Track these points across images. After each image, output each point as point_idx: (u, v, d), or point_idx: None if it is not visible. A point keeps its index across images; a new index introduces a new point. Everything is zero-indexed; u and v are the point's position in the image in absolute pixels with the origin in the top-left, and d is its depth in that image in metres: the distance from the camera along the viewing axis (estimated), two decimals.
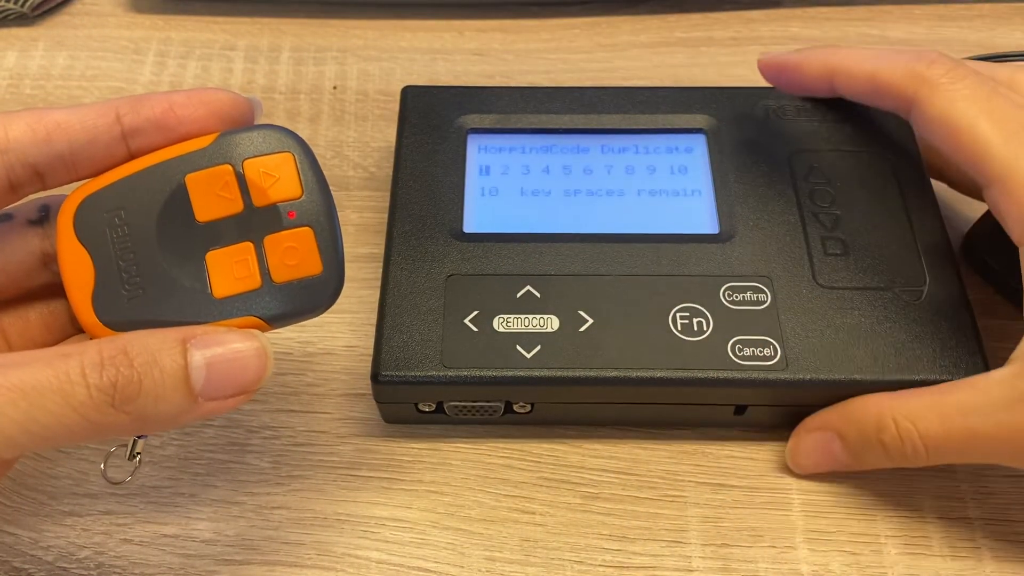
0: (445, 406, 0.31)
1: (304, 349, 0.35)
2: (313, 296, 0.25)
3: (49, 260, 0.27)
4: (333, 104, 0.44)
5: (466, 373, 0.30)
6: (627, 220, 0.34)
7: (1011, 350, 0.27)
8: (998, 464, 0.28)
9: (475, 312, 0.31)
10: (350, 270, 0.33)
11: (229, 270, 0.25)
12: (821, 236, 0.33)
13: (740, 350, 0.30)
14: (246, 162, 0.25)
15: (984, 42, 0.46)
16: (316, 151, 0.41)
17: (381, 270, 0.32)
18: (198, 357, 0.23)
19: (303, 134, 0.42)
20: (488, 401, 0.31)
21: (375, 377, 0.30)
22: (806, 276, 0.32)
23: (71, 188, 0.26)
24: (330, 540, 0.31)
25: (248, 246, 0.25)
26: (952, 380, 0.29)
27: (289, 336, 0.35)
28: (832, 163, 0.35)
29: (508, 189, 0.35)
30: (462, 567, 0.30)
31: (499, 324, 0.31)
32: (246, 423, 0.33)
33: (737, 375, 0.30)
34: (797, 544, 0.30)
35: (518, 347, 0.30)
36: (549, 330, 0.31)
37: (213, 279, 0.25)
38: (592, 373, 0.30)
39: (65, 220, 0.25)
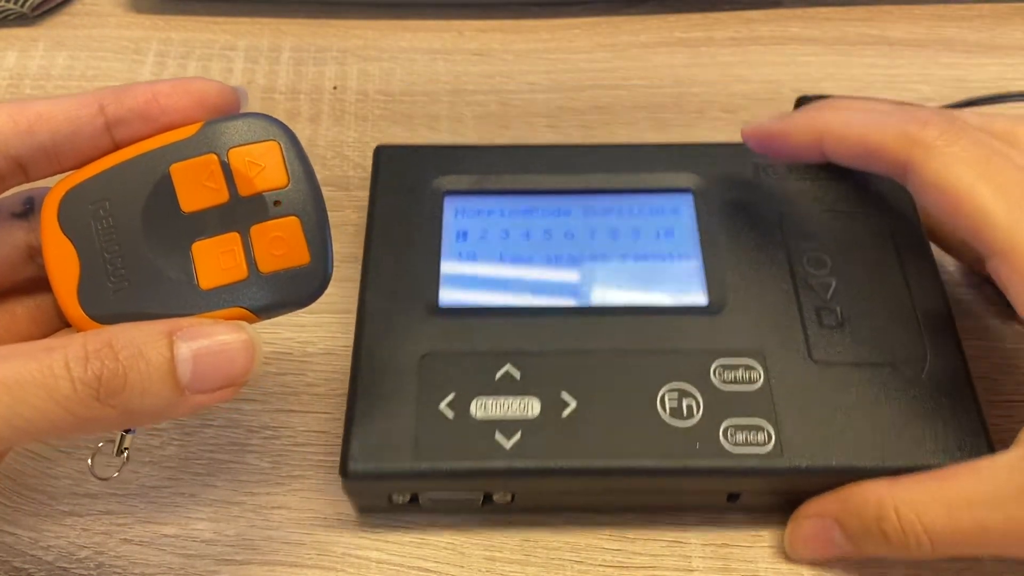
0: (420, 498, 0.30)
1: (304, 349, 0.35)
2: (301, 286, 0.25)
3: (35, 253, 0.27)
4: (333, 104, 0.44)
5: (442, 465, 0.28)
6: (612, 290, 0.32)
7: None
8: (1009, 558, 0.26)
9: (451, 395, 0.29)
10: (351, 270, 0.33)
11: (215, 261, 0.24)
12: (816, 306, 0.31)
13: (732, 435, 0.28)
14: (231, 151, 0.24)
15: (984, 42, 0.46)
16: (316, 151, 0.42)
17: (352, 349, 0.31)
18: (184, 349, 0.22)
19: (303, 134, 0.42)
20: (466, 493, 0.29)
21: (344, 472, 0.28)
22: (800, 351, 0.30)
23: (55, 180, 0.25)
24: (330, 540, 0.31)
25: (234, 236, 0.24)
26: (956, 464, 0.27)
27: (289, 336, 0.35)
28: (826, 225, 0.33)
29: (486, 256, 0.33)
30: (462, 567, 0.30)
31: (477, 409, 0.29)
32: (246, 423, 0.33)
33: (730, 464, 0.28)
34: None
35: (497, 435, 0.28)
36: (530, 415, 0.29)
37: (199, 270, 0.24)
38: (576, 464, 0.28)
39: (49, 212, 0.25)
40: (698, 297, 0.32)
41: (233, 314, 0.24)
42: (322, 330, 0.35)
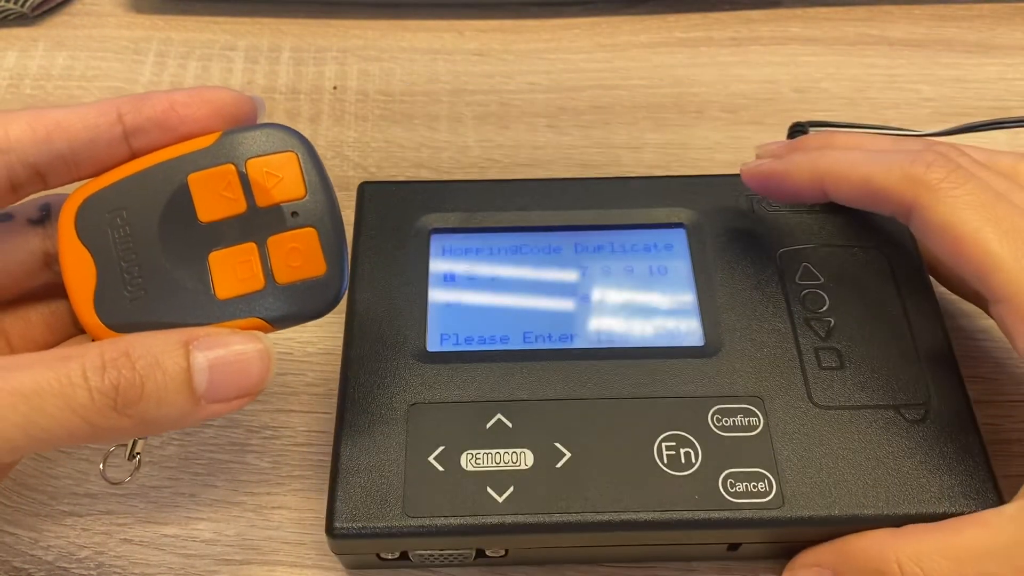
0: (410, 554, 0.29)
1: (304, 349, 0.35)
2: (317, 297, 0.25)
3: (51, 260, 0.27)
4: (333, 104, 0.44)
5: (431, 522, 0.27)
6: (604, 333, 0.31)
7: None
8: None
9: (441, 448, 0.28)
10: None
11: (232, 271, 0.25)
12: (815, 347, 0.30)
13: (732, 486, 0.28)
14: (249, 162, 0.25)
15: (984, 42, 0.46)
16: (316, 151, 0.41)
17: (337, 398, 0.30)
18: (201, 359, 0.22)
19: (303, 134, 0.42)
20: (457, 550, 0.28)
21: (330, 531, 0.27)
22: (800, 394, 0.29)
23: (72, 188, 0.26)
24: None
25: (251, 247, 0.25)
26: (962, 512, 0.27)
27: (289, 336, 0.35)
28: (824, 261, 0.32)
29: (475, 298, 0.32)
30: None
31: (467, 462, 0.28)
32: (246, 423, 0.33)
33: (730, 515, 0.27)
34: None
35: (489, 489, 0.27)
36: (523, 467, 0.28)
37: (216, 280, 0.25)
38: (571, 518, 0.27)
39: (67, 220, 0.25)
40: (694, 338, 0.31)
41: (249, 324, 0.24)
42: (322, 330, 0.35)
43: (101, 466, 0.28)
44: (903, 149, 0.29)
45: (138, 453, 0.26)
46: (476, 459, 0.28)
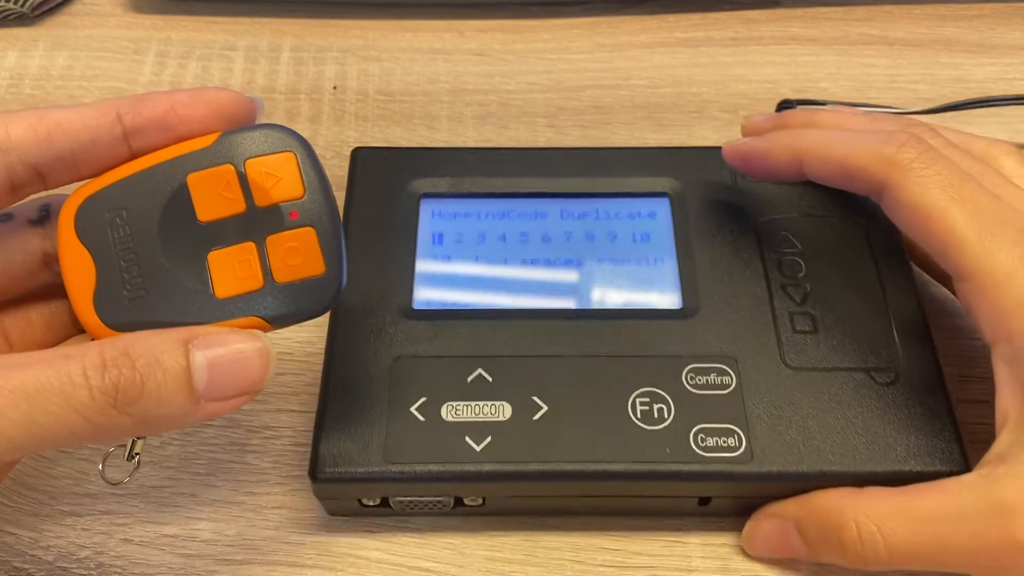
0: (391, 501, 0.29)
1: (304, 349, 0.35)
2: (315, 296, 0.25)
3: (50, 260, 0.27)
4: (333, 104, 0.44)
5: (411, 468, 0.28)
6: (586, 294, 0.32)
7: None
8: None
9: (422, 399, 0.29)
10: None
11: (231, 270, 0.25)
12: (789, 311, 0.31)
13: (703, 440, 0.28)
14: (248, 162, 0.25)
15: (984, 42, 0.46)
16: (316, 151, 0.41)
17: (325, 350, 0.31)
18: (200, 358, 0.22)
19: (303, 134, 0.42)
20: (436, 496, 0.29)
21: (313, 475, 0.28)
22: (773, 356, 0.30)
23: (72, 188, 0.26)
24: (330, 540, 0.31)
25: (250, 246, 0.25)
26: (927, 470, 0.28)
27: (289, 336, 0.35)
28: (802, 230, 0.33)
29: (462, 259, 0.33)
30: (462, 567, 0.30)
31: (448, 413, 0.29)
32: (246, 423, 0.33)
33: (699, 468, 0.28)
34: None
35: (467, 439, 0.28)
36: (501, 419, 0.29)
37: (215, 279, 0.25)
38: (546, 467, 0.28)
39: (66, 220, 0.25)
40: (672, 301, 0.32)
41: (248, 323, 0.24)
42: (322, 330, 0.35)
43: (100, 466, 0.28)
44: (879, 130, 0.30)
45: (137, 454, 0.26)
46: (456, 410, 0.29)
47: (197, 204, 0.25)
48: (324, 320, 0.35)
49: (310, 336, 0.35)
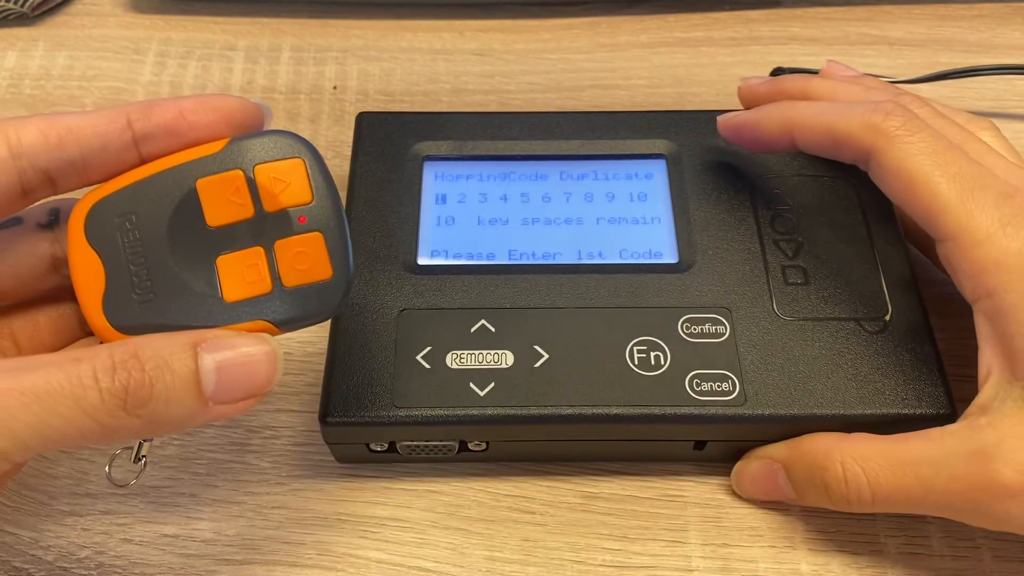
0: (398, 446, 0.31)
1: (304, 349, 0.35)
2: (323, 300, 0.25)
3: (59, 264, 0.27)
4: (333, 104, 0.44)
5: (418, 413, 0.29)
6: (585, 250, 0.33)
7: None
8: (947, 518, 0.27)
9: (428, 348, 0.30)
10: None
11: (240, 274, 0.25)
12: (782, 265, 0.32)
13: (698, 385, 0.30)
14: (257, 167, 0.25)
15: (984, 42, 0.46)
16: (322, 157, 0.41)
17: None
18: (209, 361, 0.23)
19: (303, 134, 0.42)
20: (441, 440, 0.30)
21: (323, 419, 0.29)
22: (766, 307, 0.31)
23: (81, 193, 0.26)
24: (330, 540, 0.31)
25: (259, 251, 0.25)
26: (915, 413, 0.29)
27: (290, 337, 0.35)
28: (794, 189, 0.34)
29: (464, 218, 0.34)
30: (462, 567, 0.30)
31: (452, 361, 0.30)
32: (246, 423, 0.33)
33: (695, 411, 0.29)
34: (797, 544, 0.30)
35: (471, 385, 0.30)
36: (503, 366, 0.30)
37: (224, 283, 0.25)
38: (547, 411, 0.29)
39: (76, 225, 0.25)
40: (668, 256, 0.33)
41: (256, 327, 0.25)
42: (322, 330, 0.35)
43: (107, 468, 0.29)
44: (867, 100, 0.31)
45: (144, 456, 0.26)
46: (460, 358, 0.30)
47: (206, 209, 0.25)
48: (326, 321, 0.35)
49: (310, 336, 0.35)
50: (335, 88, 0.44)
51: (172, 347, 0.23)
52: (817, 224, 0.33)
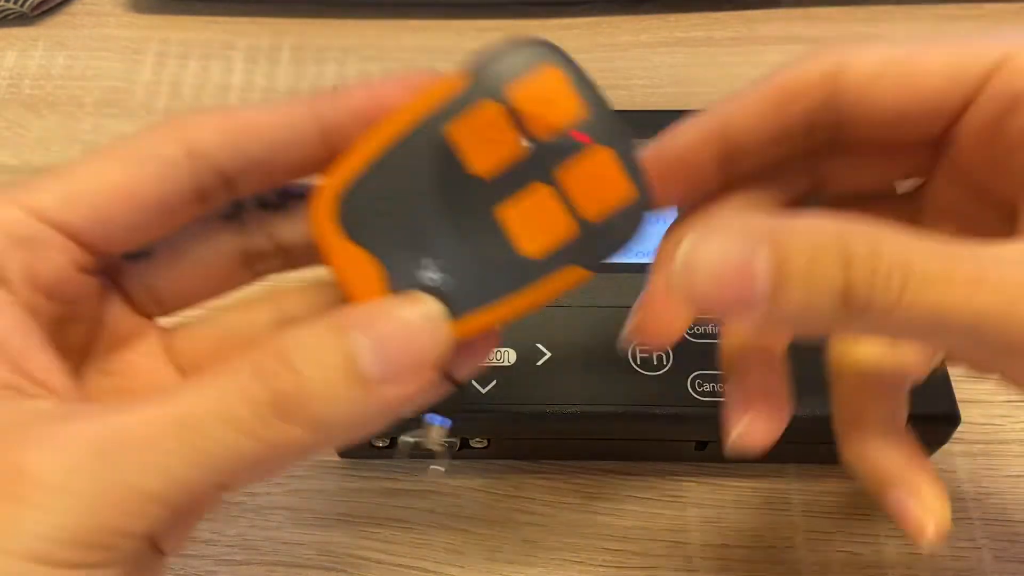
0: (399, 441, 0.30)
1: None
2: (629, 224, 0.21)
3: (251, 260, 0.24)
4: None
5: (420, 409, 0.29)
6: None
7: None
8: (972, 340, 0.19)
9: None
10: None
11: (532, 221, 0.21)
12: None
13: (700, 385, 0.30)
14: (510, 92, 0.20)
15: None
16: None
17: None
18: (360, 338, 0.19)
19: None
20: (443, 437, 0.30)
21: None
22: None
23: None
24: (330, 540, 0.31)
25: (543, 188, 0.21)
26: (920, 413, 0.26)
27: None
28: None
29: None
30: (462, 567, 0.30)
31: None
32: None
33: (697, 411, 0.29)
34: (797, 544, 0.30)
35: (473, 382, 0.30)
36: (506, 364, 0.30)
37: (516, 237, 0.21)
38: (549, 409, 0.29)
39: (326, 221, 0.21)
40: None
41: (570, 276, 0.21)
42: None
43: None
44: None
45: (442, 447, 0.27)
46: None
47: (468, 157, 0.21)
48: None
49: None
50: (335, 88, 0.44)
51: (317, 335, 0.19)
52: None
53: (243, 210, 0.23)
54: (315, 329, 0.19)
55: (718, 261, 0.18)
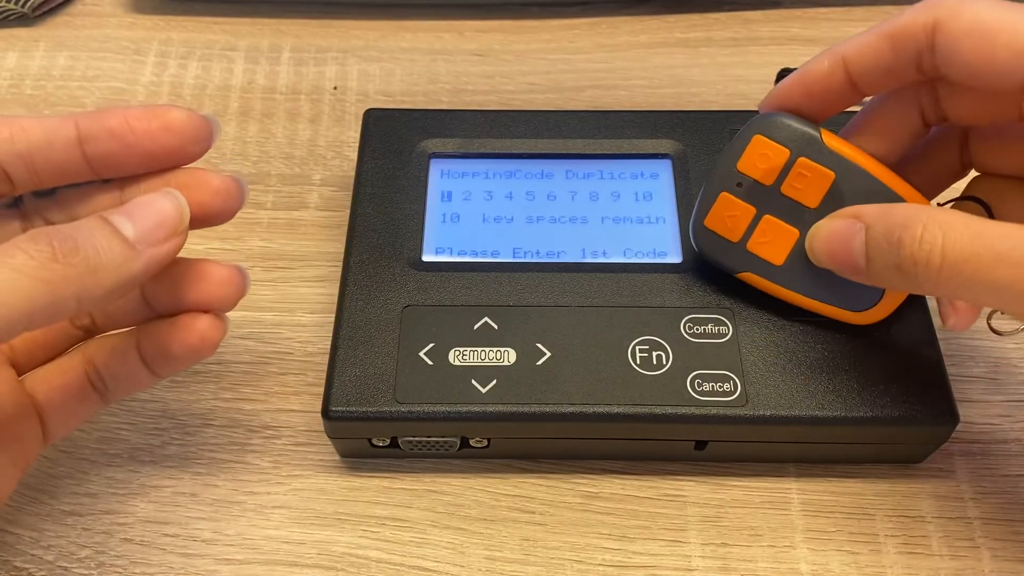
0: (400, 441, 0.31)
1: (304, 349, 0.35)
2: None
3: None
4: (334, 104, 0.44)
5: (419, 408, 0.29)
6: (589, 249, 0.34)
7: None
8: (1003, 309, 0.26)
9: (431, 345, 0.31)
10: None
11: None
12: None
13: (699, 385, 0.30)
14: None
15: None
16: (317, 151, 0.42)
17: (337, 299, 0.32)
18: (116, 215, 0.24)
19: (304, 134, 0.42)
20: (443, 436, 0.30)
21: (326, 413, 0.30)
22: (769, 308, 0.31)
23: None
24: (330, 540, 0.31)
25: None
26: (917, 416, 0.29)
27: (290, 336, 0.35)
28: None
29: (469, 216, 0.35)
30: (462, 567, 0.30)
31: (455, 357, 0.30)
32: (247, 423, 0.33)
33: (696, 411, 0.29)
34: (797, 543, 0.30)
35: (473, 381, 0.30)
36: (506, 363, 0.30)
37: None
38: (548, 408, 0.29)
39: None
40: (672, 256, 0.33)
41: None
42: (323, 330, 0.35)
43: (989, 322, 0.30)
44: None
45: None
46: (463, 355, 0.30)
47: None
48: (324, 320, 0.35)
49: (311, 336, 0.35)
50: (335, 88, 0.44)
51: (83, 221, 0.24)
52: None
53: (23, 200, 0.28)
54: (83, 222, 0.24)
55: (831, 239, 0.28)
